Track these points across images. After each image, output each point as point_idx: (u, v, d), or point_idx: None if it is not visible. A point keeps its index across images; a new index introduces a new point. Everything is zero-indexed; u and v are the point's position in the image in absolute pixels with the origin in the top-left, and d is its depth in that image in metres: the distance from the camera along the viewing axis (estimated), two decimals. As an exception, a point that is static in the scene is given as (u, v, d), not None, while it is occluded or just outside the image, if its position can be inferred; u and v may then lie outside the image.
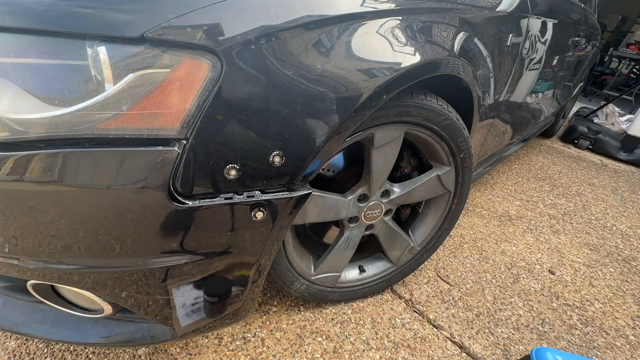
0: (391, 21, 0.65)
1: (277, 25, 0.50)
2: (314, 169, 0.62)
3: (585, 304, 1.26)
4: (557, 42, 1.52)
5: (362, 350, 0.96)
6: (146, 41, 0.42)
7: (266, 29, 0.49)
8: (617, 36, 6.78)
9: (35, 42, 0.41)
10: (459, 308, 1.16)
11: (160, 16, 0.43)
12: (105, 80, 0.42)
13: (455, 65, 0.80)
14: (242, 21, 0.47)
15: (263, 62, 0.49)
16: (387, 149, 0.82)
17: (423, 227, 1.11)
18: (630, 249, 1.66)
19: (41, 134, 0.42)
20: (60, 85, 0.42)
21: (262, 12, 0.49)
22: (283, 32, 0.50)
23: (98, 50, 0.42)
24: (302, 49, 0.53)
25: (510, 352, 1.03)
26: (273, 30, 0.49)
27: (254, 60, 0.49)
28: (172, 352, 0.89)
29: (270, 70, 0.50)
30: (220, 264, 0.62)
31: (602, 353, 1.07)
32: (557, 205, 1.98)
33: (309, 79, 0.54)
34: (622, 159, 2.91)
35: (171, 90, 0.45)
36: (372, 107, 0.63)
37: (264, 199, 0.58)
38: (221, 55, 0.46)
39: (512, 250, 1.51)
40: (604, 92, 5.38)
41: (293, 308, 1.07)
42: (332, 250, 0.94)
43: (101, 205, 0.48)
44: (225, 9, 0.47)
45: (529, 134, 2.11)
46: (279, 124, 0.53)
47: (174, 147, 0.48)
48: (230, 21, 0.47)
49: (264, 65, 0.49)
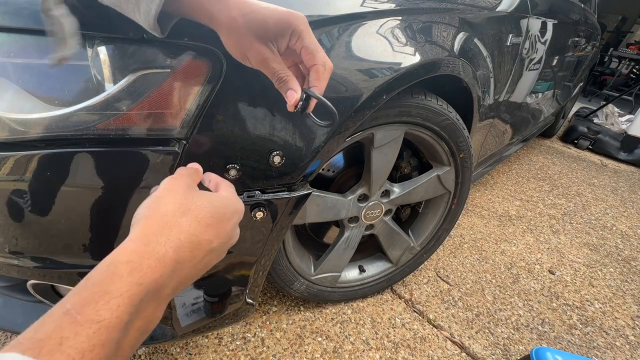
0: (391, 21, 0.65)
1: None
2: (314, 169, 0.62)
3: (585, 304, 1.26)
4: (557, 42, 1.52)
5: (362, 350, 0.96)
6: (146, 41, 0.42)
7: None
8: (617, 36, 6.79)
9: (35, 42, 0.41)
10: (458, 308, 1.16)
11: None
12: (105, 80, 0.42)
13: (455, 65, 0.80)
14: (242, 21, 0.47)
15: (263, 62, 0.49)
16: (387, 149, 0.82)
17: (423, 227, 1.11)
18: (630, 249, 1.66)
19: (41, 134, 0.42)
20: (60, 85, 0.42)
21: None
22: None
23: (98, 50, 0.42)
24: (302, 49, 0.53)
25: (510, 352, 1.03)
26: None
27: (254, 60, 0.48)
28: (172, 352, 0.89)
29: (270, 70, 0.50)
30: (220, 263, 0.62)
31: (602, 353, 1.07)
32: (557, 205, 1.98)
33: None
34: (622, 159, 2.92)
35: (171, 90, 0.45)
36: (372, 107, 0.63)
37: (264, 199, 0.58)
38: (221, 55, 0.46)
39: (512, 250, 1.51)
40: (603, 92, 5.38)
41: (293, 308, 1.07)
42: (332, 250, 0.94)
43: (101, 205, 0.48)
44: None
45: (528, 134, 2.11)
46: (279, 124, 0.53)
47: (174, 147, 0.48)
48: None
49: (264, 65, 0.49)
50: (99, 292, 0.25)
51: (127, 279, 0.26)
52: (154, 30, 0.36)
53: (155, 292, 0.28)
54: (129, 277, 0.26)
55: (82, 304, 0.24)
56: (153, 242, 0.29)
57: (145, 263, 0.27)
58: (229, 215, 0.36)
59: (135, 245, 0.29)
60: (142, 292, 0.26)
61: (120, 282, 0.26)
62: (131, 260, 0.27)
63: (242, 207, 0.39)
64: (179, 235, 0.30)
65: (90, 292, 0.25)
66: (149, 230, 0.30)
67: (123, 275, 0.26)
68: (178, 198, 0.33)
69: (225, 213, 0.35)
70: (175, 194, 0.34)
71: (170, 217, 0.31)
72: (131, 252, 0.28)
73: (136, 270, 0.27)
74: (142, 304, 0.26)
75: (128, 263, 0.27)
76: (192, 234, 0.31)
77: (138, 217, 0.32)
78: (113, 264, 0.27)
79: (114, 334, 0.23)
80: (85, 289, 0.25)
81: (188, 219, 0.32)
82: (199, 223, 0.32)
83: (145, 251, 0.28)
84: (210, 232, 0.33)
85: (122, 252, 0.28)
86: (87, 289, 0.25)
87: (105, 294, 0.24)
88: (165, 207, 0.32)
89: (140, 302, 0.26)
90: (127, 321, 0.25)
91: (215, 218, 0.34)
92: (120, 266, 0.26)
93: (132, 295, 0.25)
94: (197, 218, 0.32)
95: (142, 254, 0.28)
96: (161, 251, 0.29)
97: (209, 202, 0.35)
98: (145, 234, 0.30)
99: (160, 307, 0.29)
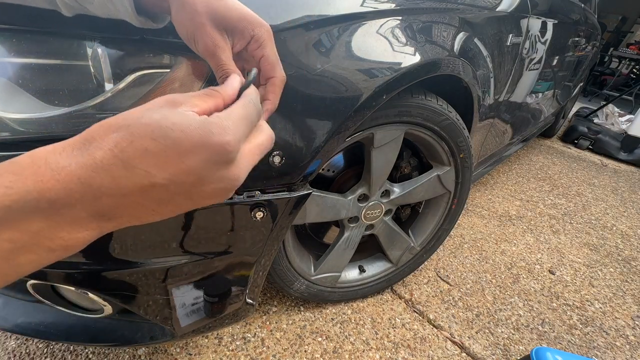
0: (391, 21, 0.65)
1: (277, 25, 0.49)
2: (314, 169, 0.62)
3: (585, 304, 1.26)
4: (557, 42, 1.52)
5: (362, 351, 0.96)
6: (146, 41, 0.42)
7: (266, 29, 0.49)
8: (617, 36, 6.78)
9: (35, 42, 0.41)
10: (459, 308, 1.16)
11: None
12: (105, 80, 0.42)
13: (455, 65, 0.80)
14: (242, 21, 0.47)
15: (263, 62, 0.49)
16: (387, 149, 0.82)
17: (423, 227, 1.11)
18: (630, 249, 1.66)
19: (41, 134, 0.42)
20: (60, 85, 0.42)
21: (261, 12, 0.49)
22: (283, 32, 0.50)
23: (98, 50, 0.42)
24: (302, 49, 0.53)
25: (510, 352, 1.03)
26: (273, 30, 0.49)
27: (254, 60, 0.48)
28: (172, 352, 0.89)
29: (270, 70, 0.50)
30: (220, 264, 0.62)
31: (602, 353, 1.07)
32: (557, 205, 1.98)
33: (309, 79, 0.54)
34: (622, 159, 2.92)
35: (171, 91, 0.45)
36: (372, 107, 0.63)
37: (264, 199, 0.58)
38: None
39: (512, 250, 1.51)
40: (604, 92, 5.38)
41: (293, 308, 1.07)
42: (332, 250, 0.94)
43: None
44: (225, 9, 0.47)
45: (529, 134, 2.11)
46: (279, 124, 0.53)
47: (174, 147, 0.48)
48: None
49: (264, 65, 0.49)
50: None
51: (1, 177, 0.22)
52: (144, 24, 0.35)
53: (40, 205, 0.23)
54: (5, 174, 0.22)
55: None
56: (63, 153, 0.24)
57: (31, 170, 0.23)
58: (189, 145, 0.25)
59: (42, 150, 0.24)
60: (8, 198, 0.22)
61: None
62: (15, 162, 0.23)
63: (224, 139, 0.27)
64: (95, 151, 0.24)
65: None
66: (73, 140, 0.25)
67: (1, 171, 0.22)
68: (133, 111, 0.27)
69: (182, 140, 0.25)
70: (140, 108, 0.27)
71: (102, 130, 0.25)
72: (27, 156, 0.24)
73: (10, 173, 0.22)
74: (9, 211, 0.22)
75: (11, 163, 0.23)
76: (116, 156, 0.24)
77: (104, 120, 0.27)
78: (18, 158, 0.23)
79: None
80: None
81: (119, 135, 0.25)
82: (130, 143, 0.24)
83: (41, 158, 0.24)
84: (149, 160, 0.25)
85: (40, 150, 0.24)
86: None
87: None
88: (119, 117, 0.26)
89: (5, 209, 0.22)
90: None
91: (159, 144, 0.25)
92: (16, 162, 0.23)
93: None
94: (132, 137, 0.25)
95: (35, 159, 0.23)
96: (63, 163, 0.24)
97: (161, 118, 0.25)
98: (65, 144, 0.25)
99: (64, 227, 0.24)
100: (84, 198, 0.24)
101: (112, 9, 0.33)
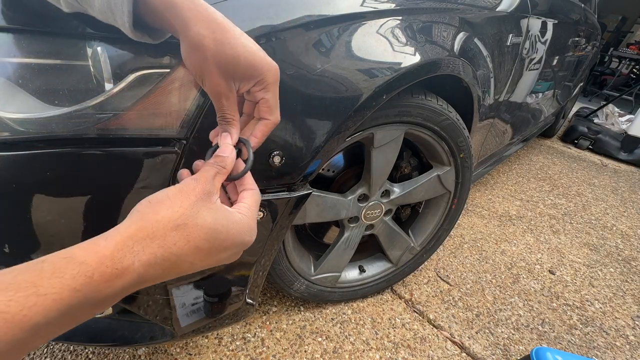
0: (391, 21, 0.65)
1: (277, 25, 0.49)
2: (314, 169, 0.62)
3: (585, 304, 1.26)
4: (557, 42, 1.52)
5: (362, 351, 0.96)
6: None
7: (266, 28, 0.49)
8: (617, 36, 6.78)
9: (35, 42, 0.41)
10: (459, 308, 1.16)
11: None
12: (105, 80, 0.42)
13: (456, 65, 0.80)
14: (242, 21, 0.47)
15: (263, 62, 0.49)
16: (387, 149, 0.82)
17: (423, 227, 1.11)
18: (630, 249, 1.66)
19: (41, 134, 0.42)
20: (60, 85, 0.42)
21: (262, 12, 0.49)
22: (283, 32, 0.50)
23: (98, 50, 0.42)
24: (302, 49, 0.53)
25: (510, 352, 1.03)
26: (272, 30, 0.49)
27: (254, 60, 0.48)
28: (172, 352, 0.89)
29: (270, 70, 0.50)
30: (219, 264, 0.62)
31: (602, 353, 1.07)
32: (557, 205, 1.98)
33: (309, 79, 0.54)
34: (622, 159, 2.92)
35: (171, 90, 0.45)
36: (372, 107, 0.63)
37: (264, 199, 0.58)
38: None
39: (512, 250, 1.51)
40: (604, 92, 5.38)
41: (293, 308, 1.07)
42: (332, 250, 0.94)
43: (100, 206, 0.48)
44: (225, 8, 0.47)
45: (529, 134, 2.11)
46: (279, 124, 0.53)
47: (174, 147, 0.48)
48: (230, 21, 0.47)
49: (264, 65, 0.49)
50: (24, 281, 0.21)
51: (66, 281, 0.22)
52: (140, 39, 0.35)
53: (96, 299, 0.24)
54: (70, 280, 0.23)
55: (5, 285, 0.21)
56: (125, 249, 0.26)
57: (99, 270, 0.24)
58: (229, 244, 0.31)
59: (104, 245, 0.25)
60: (75, 299, 0.23)
61: (55, 281, 0.22)
62: (84, 262, 0.24)
63: (252, 239, 0.35)
64: (157, 249, 0.27)
65: (22, 277, 0.22)
66: (131, 232, 0.27)
67: (65, 275, 0.23)
68: (183, 206, 0.29)
69: (225, 241, 0.31)
70: (184, 200, 0.30)
71: (161, 226, 0.28)
72: (92, 253, 0.25)
73: (82, 276, 0.23)
74: (70, 309, 0.23)
75: (80, 264, 0.24)
76: (173, 253, 0.27)
77: (135, 211, 0.29)
78: (67, 258, 0.24)
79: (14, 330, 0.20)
80: (22, 272, 0.22)
81: (177, 235, 0.28)
82: (187, 243, 0.28)
83: (107, 257, 0.25)
84: (197, 255, 0.29)
85: (87, 247, 0.25)
86: (22, 274, 0.22)
87: (31, 286, 0.21)
88: (164, 212, 0.28)
89: (68, 307, 0.22)
90: (40, 323, 0.21)
91: (209, 243, 0.30)
92: (70, 264, 0.23)
93: (61, 299, 0.22)
94: (188, 237, 0.28)
95: (102, 259, 0.24)
96: (127, 261, 0.25)
97: (213, 222, 0.30)
98: (124, 236, 0.26)
99: (98, 310, 0.25)
100: (129, 287, 0.27)
101: (111, 18, 0.34)
